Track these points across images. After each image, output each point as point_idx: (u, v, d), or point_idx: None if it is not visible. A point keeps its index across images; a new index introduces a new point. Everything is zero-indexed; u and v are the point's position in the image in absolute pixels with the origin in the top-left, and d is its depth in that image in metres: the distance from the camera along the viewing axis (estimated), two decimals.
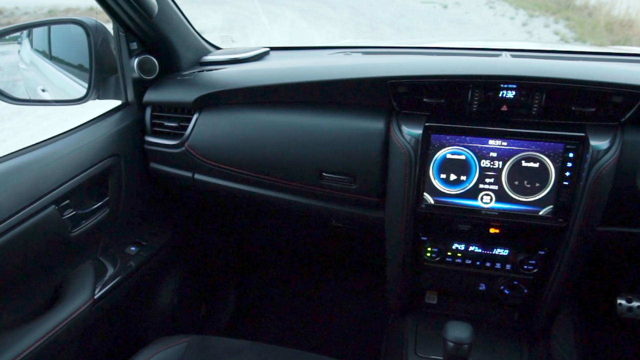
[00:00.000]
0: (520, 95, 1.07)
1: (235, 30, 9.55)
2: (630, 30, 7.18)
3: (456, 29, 8.45)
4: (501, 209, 1.13)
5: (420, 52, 1.47)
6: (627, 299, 1.64)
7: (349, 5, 10.28)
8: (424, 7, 9.85)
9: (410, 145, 1.11)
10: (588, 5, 8.63)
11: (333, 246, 1.84)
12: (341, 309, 1.98)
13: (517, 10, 9.14)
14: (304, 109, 1.23)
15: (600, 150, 1.03)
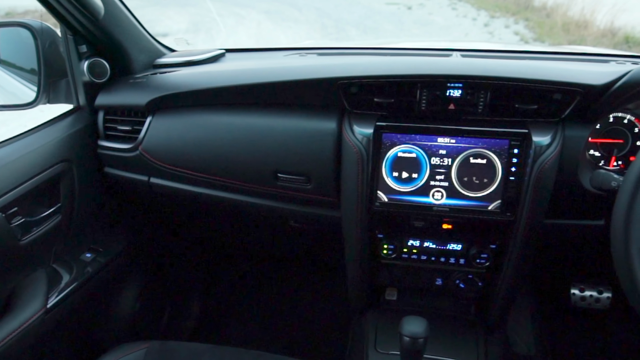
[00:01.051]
0: (466, 94, 1.11)
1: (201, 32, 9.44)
2: (585, 30, 7.44)
3: (420, 29, 8.58)
4: (452, 204, 1.16)
5: (374, 52, 1.49)
6: (579, 288, 1.71)
7: (315, 6, 10.30)
8: (388, 8, 9.95)
9: (362, 144, 1.13)
10: (546, 6, 8.89)
11: (295, 247, 1.85)
12: (307, 309, 1.99)
13: (478, 11, 9.34)
14: (258, 110, 1.24)
15: (542, 146, 1.07)
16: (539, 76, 1.06)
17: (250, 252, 2.08)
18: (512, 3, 9.37)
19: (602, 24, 7.55)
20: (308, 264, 2.02)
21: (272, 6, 10.62)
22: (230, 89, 1.24)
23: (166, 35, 8.60)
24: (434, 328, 1.37)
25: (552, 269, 1.79)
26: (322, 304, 1.99)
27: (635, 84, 1.02)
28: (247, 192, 1.30)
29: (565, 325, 1.87)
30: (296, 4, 10.62)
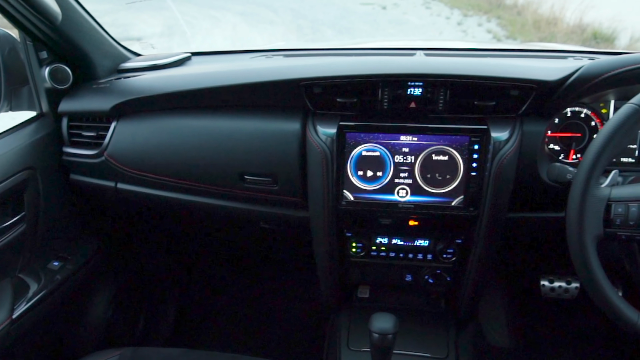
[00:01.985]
0: (426, 92, 1.13)
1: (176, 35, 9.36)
2: (555, 27, 7.59)
3: (395, 29, 8.64)
4: (416, 201, 1.18)
5: (339, 53, 1.51)
6: (549, 279, 1.74)
7: (290, 8, 10.30)
8: (363, 8, 10.00)
9: (326, 144, 1.14)
10: (517, 4, 9.04)
11: (267, 248, 1.85)
12: (282, 309, 2.00)
13: (452, 10, 9.46)
14: (223, 113, 1.24)
15: (500, 141, 1.09)
16: (495, 73, 1.09)
17: (223, 255, 2.07)
18: (484, 2, 9.51)
19: (571, 20, 7.71)
20: (281, 264, 2.03)
21: (247, 8, 10.59)
22: (195, 92, 1.24)
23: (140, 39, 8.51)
24: (406, 323, 1.39)
25: (522, 261, 1.83)
26: (298, 304, 1.99)
27: (586, 79, 1.06)
28: (214, 195, 1.30)
29: (537, 315, 1.91)
30: (271, 5, 10.61)
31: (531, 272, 1.80)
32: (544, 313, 1.91)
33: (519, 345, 1.82)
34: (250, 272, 2.08)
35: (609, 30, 7.23)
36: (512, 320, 1.88)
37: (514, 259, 1.81)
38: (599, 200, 0.90)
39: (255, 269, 2.08)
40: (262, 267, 2.07)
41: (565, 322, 1.88)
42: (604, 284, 0.91)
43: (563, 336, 1.86)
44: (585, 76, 1.05)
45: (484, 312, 1.87)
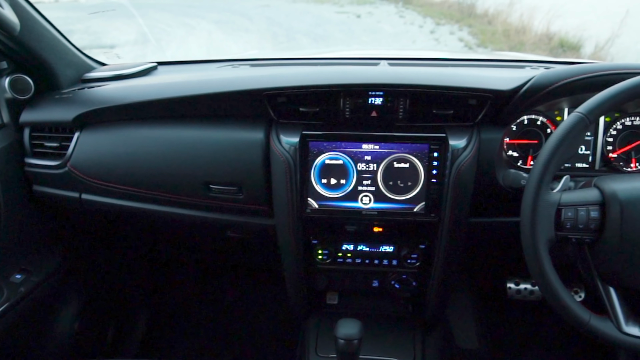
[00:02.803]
0: (387, 101, 1.15)
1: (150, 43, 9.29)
2: (524, 35, 7.81)
3: (370, 37, 8.76)
4: (380, 208, 1.20)
5: (305, 63, 1.53)
6: (514, 282, 1.79)
7: (266, 16, 10.34)
8: (338, 17, 10.12)
9: (289, 153, 1.15)
10: (488, 13, 9.28)
11: (236, 256, 1.85)
12: (255, 317, 1.99)
13: (424, 18, 9.65)
14: (188, 123, 1.24)
15: (458, 149, 1.13)
16: (452, 83, 1.12)
17: (193, 264, 2.06)
18: (456, 10, 9.73)
19: (539, 29, 7.94)
20: (251, 272, 2.03)
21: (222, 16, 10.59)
22: (159, 102, 1.24)
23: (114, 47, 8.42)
24: (373, 329, 1.41)
25: (488, 264, 1.87)
26: (270, 311, 1.99)
27: (538, 89, 1.10)
28: (180, 205, 1.30)
29: (505, 317, 1.95)
30: (247, 13, 10.63)
31: (497, 275, 1.84)
32: (512, 315, 1.95)
33: (488, 348, 1.85)
34: (221, 280, 2.07)
35: (574, 39, 7.47)
36: (481, 322, 1.92)
37: (480, 263, 1.85)
38: (550, 205, 0.94)
39: (226, 278, 2.07)
40: (232, 276, 2.06)
41: (533, 323, 1.93)
42: (557, 285, 0.95)
43: (531, 337, 1.90)
44: (537, 85, 1.10)
45: (452, 315, 1.90)
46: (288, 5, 11.77)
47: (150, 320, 1.99)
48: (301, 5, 11.54)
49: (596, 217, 0.94)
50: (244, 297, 2.04)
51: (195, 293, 2.07)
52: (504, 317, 1.95)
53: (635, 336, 0.94)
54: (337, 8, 10.73)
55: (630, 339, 0.94)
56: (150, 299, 2.03)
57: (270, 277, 1.98)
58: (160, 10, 11.15)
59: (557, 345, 1.86)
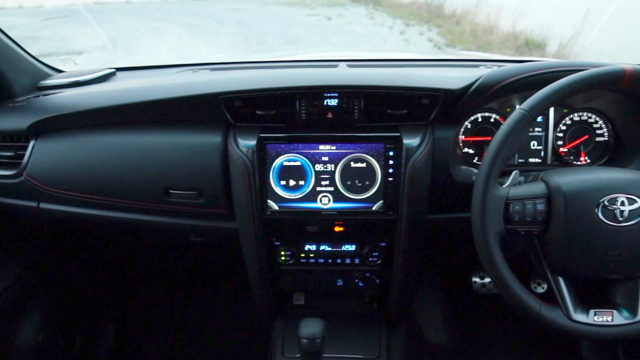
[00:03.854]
0: (342, 102, 1.17)
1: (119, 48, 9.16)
2: (491, 35, 7.97)
3: (341, 39, 8.81)
4: (339, 208, 1.22)
5: (265, 66, 1.54)
6: (480, 276, 1.82)
7: (236, 19, 10.31)
8: (309, 19, 10.16)
9: (247, 156, 1.16)
10: (455, 14, 9.43)
11: (202, 260, 1.84)
12: (227, 321, 1.99)
13: (394, 19, 9.76)
14: (145, 128, 1.24)
15: (412, 147, 1.15)
16: (404, 83, 1.15)
17: (160, 270, 2.05)
18: (425, 11, 9.87)
19: (505, 28, 8.11)
20: (220, 276, 2.02)
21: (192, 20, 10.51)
22: (115, 108, 1.23)
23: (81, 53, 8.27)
24: (339, 327, 1.43)
25: (453, 259, 1.91)
26: (241, 314, 1.99)
27: (486, 87, 1.13)
28: (140, 211, 1.29)
29: (473, 311, 1.99)
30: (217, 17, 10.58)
31: (463, 270, 1.88)
32: (479, 308, 1.99)
33: (456, 341, 1.88)
34: (189, 285, 2.06)
35: (539, 38, 7.65)
36: (448, 317, 1.95)
37: (445, 258, 1.88)
38: (498, 200, 0.97)
39: (194, 282, 2.06)
40: (201, 280, 2.05)
41: (500, 315, 1.97)
42: (508, 276, 0.97)
43: (499, 330, 1.94)
44: (485, 84, 1.13)
45: (420, 311, 1.93)
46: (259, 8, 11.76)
47: (120, 328, 1.97)
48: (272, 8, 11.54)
49: (543, 209, 0.97)
50: (213, 301, 2.04)
51: (164, 299, 2.06)
52: (472, 311, 1.99)
53: (583, 323, 0.98)
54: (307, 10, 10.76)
55: (578, 325, 0.98)
56: (118, 306, 2.01)
57: (238, 280, 1.98)
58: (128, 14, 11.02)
59: (523, 336, 1.90)
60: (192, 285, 2.06)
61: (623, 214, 0.92)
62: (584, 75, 0.92)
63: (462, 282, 1.92)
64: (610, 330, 0.97)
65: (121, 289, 2.04)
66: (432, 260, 1.86)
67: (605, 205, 0.92)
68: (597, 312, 0.97)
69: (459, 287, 2.00)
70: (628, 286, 1.00)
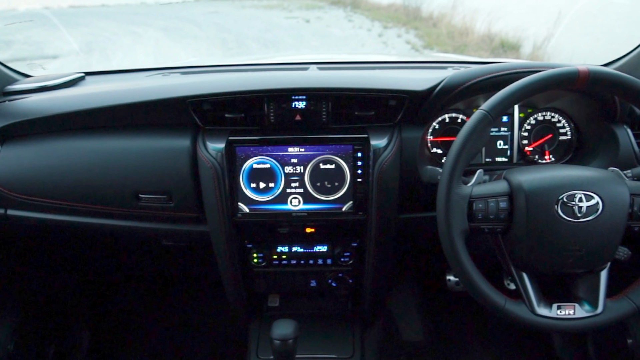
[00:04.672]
0: (310, 105, 1.18)
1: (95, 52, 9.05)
2: (467, 37, 8.10)
3: (319, 41, 8.85)
4: (309, 209, 1.23)
5: (237, 69, 1.54)
6: (454, 274, 1.85)
7: (215, 22, 10.26)
8: (288, 22, 10.18)
9: (216, 159, 1.16)
10: (433, 16, 9.56)
11: (178, 265, 1.83)
12: (204, 325, 1.98)
13: (372, 22, 9.84)
14: (114, 133, 1.23)
15: (380, 148, 1.17)
16: (370, 85, 1.17)
17: (134, 275, 2.03)
18: (402, 14, 9.97)
19: (481, 30, 8.25)
20: (195, 280, 2.01)
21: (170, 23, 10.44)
22: (83, 112, 1.22)
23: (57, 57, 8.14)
24: (313, 328, 1.44)
25: (428, 258, 1.93)
26: (216, 317, 1.98)
27: (451, 88, 1.16)
28: (110, 216, 1.28)
29: (448, 309, 2.02)
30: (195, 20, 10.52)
31: (438, 268, 1.90)
32: (456, 306, 2.02)
33: (432, 339, 1.91)
34: (164, 290, 2.05)
35: (514, 39, 7.79)
36: (424, 315, 1.98)
37: (420, 256, 1.90)
38: (462, 198, 0.99)
39: (169, 287, 2.05)
40: (176, 284, 2.04)
41: (476, 313, 2.00)
42: (473, 274, 1.00)
43: (475, 327, 1.97)
44: (449, 85, 1.16)
45: (396, 309, 1.95)
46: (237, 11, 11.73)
47: (94, 335, 1.95)
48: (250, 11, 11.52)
49: (505, 207, 0.99)
50: (188, 305, 2.03)
51: (139, 304, 2.04)
52: (448, 309, 2.02)
53: (546, 317, 1.00)
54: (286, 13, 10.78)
55: (542, 319, 1.00)
56: (92, 313, 1.98)
57: (212, 283, 1.98)
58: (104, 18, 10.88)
59: (499, 333, 1.94)
60: (167, 290, 2.04)
61: (581, 210, 0.95)
62: (540, 76, 0.95)
63: (437, 281, 1.95)
64: (572, 323, 1.00)
65: (95, 295, 2.02)
66: (407, 259, 1.88)
67: (564, 202, 0.95)
68: (560, 306, 1.00)
69: (435, 286, 2.02)
70: (589, 280, 1.03)
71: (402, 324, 1.94)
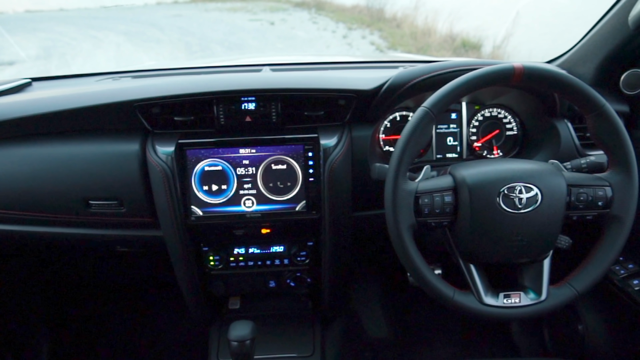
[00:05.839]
0: (259, 106, 1.19)
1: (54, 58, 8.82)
2: (430, 37, 8.25)
3: (284, 43, 8.86)
4: (263, 210, 1.23)
5: (189, 72, 1.53)
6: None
7: (178, 26, 10.14)
8: (252, 24, 10.14)
9: (166, 163, 1.15)
10: (396, 17, 9.69)
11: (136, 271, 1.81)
12: (164, 331, 1.95)
13: (337, 24, 9.90)
14: (60, 139, 1.21)
15: (329, 147, 1.18)
16: (318, 85, 1.18)
17: (92, 284, 1.99)
18: (366, 15, 10.07)
19: (443, 31, 8.41)
20: (152, 285, 1.99)
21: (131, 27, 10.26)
22: (27, 119, 1.19)
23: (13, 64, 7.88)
24: (274, 328, 1.44)
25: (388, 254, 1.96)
26: (177, 322, 1.96)
27: (397, 87, 1.18)
28: (59, 224, 1.26)
29: (411, 304, 2.05)
30: (157, 24, 10.37)
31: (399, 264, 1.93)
32: (418, 301, 2.05)
33: (398, 335, 1.94)
34: (123, 297, 2.01)
35: (475, 39, 7.99)
36: (388, 311, 2.01)
37: (381, 253, 1.93)
38: (408, 194, 1.01)
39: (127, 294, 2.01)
40: (134, 291, 2.01)
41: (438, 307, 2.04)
42: (422, 267, 1.02)
43: (437, 320, 2.01)
44: (395, 84, 1.18)
45: (360, 306, 1.97)
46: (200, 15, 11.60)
47: (53, 345, 1.90)
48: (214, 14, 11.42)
49: (450, 201, 1.02)
50: (150, 310, 2.00)
51: (99, 312, 2.00)
52: (410, 304, 2.05)
53: (493, 306, 1.03)
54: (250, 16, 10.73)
55: (489, 309, 1.03)
56: (51, 323, 1.93)
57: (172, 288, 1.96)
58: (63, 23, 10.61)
59: (460, 325, 1.98)
60: (126, 296, 2.01)
61: (521, 202, 0.98)
62: (477, 73, 0.98)
63: (399, 276, 1.98)
64: (518, 311, 1.03)
65: (54, 303, 1.97)
66: (369, 256, 1.90)
67: (506, 194, 0.98)
68: (506, 295, 1.03)
69: (397, 281, 2.06)
70: (533, 269, 1.06)
71: (366, 321, 1.96)
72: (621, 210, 1.00)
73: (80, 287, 2.00)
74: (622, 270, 1.38)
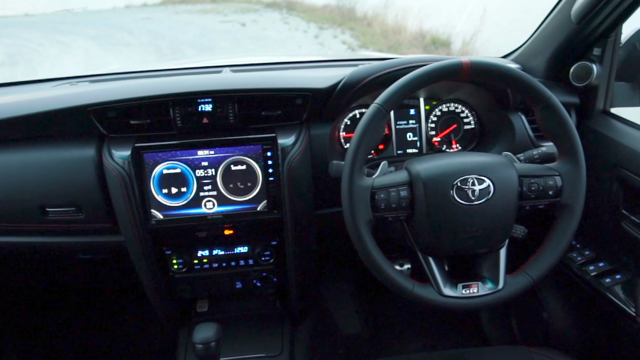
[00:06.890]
0: (216, 107, 1.19)
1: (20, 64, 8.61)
2: (400, 35, 8.32)
3: (256, 44, 8.82)
4: (224, 211, 1.23)
5: (147, 75, 1.51)
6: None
7: (147, 29, 10.00)
8: (223, 26, 10.06)
9: (123, 167, 1.14)
10: (367, 16, 9.75)
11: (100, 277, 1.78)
12: (133, 335, 1.93)
13: (308, 24, 9.90)
14: (13, 146, 1.19)
15: (287, 146, 1.19)
16: (273, 85, 1.19)
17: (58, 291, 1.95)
18: (337, 15, 10.10)
19: (413, 28, 8.50)
20: (118, 291, 1.96)
21: (100, 31, 10.08)
22: None
23: None
24: (242, 329, 1.44)
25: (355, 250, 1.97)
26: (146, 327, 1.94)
27: (351, 85, 1.19)
28: (15, 233, 1.23)
29: (383, 299, 2.07)
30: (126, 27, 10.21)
31: None
32: (390, 296, 2.07)
33: (371, 330, 1.95)
34: (91, 303, 1.98)
35: (444, 36, 8.09)
36: (361, 307, 2.02)
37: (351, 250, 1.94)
38: (364, 190, 1.02)
39: (95, 299, 1.98)
40: (102, 296, 1.98)
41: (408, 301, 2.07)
42: (381, 261, 1.03)
43: (409, 314, 2.03)
44: (349, 82, 1.19)
45: (333, 304, 1.98)
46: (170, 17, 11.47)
47: (21, 354, 1.85)
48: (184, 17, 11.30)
49: (406, 196, 1.03)
50: (117, 316, 1.97)
51: (67, 320, 1.96)
52: (382, 299, 2.07)
53: (452, 297, 1.05)
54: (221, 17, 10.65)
55: (448, 299, 1.05)
56: (18, 335, 1.89)
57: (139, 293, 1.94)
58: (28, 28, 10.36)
59: (432, 318, 2.01)
60: (93, 303, 1.98)
61: (474, 193, 1.00)
62: (426, 69, 1.00)
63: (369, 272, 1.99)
64: (476, 301, 1.05)
65: (20, 313, 1.92)
66: (337, 253, 1.91)
67: (459, 187, 1.00)
68: (465, 286, 1.05)
69: (368, 277, 2.07)
70: (490, 259, 1.08)
71: (339, 318, 1.97)
72: (570, 198, 1.03)
73: (47, 295, 1.96)
74: (579, 257, 1.42)
